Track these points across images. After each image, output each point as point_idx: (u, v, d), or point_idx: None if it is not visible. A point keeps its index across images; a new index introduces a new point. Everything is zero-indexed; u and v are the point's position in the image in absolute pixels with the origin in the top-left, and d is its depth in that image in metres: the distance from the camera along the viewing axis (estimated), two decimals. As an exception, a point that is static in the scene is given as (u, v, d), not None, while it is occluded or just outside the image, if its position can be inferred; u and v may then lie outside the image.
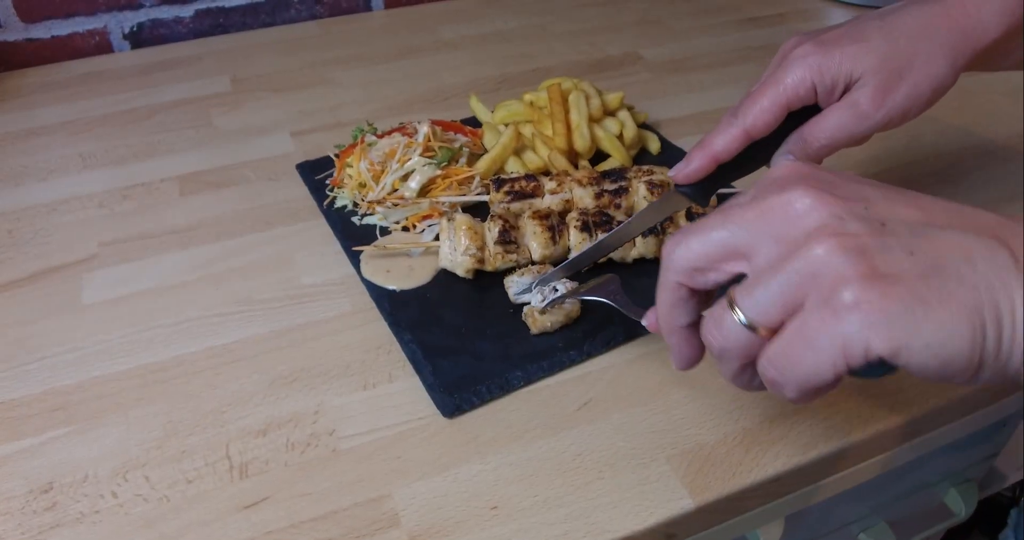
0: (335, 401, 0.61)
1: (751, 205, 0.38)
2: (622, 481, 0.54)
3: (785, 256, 0.36)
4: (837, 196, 0.36)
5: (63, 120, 1.01)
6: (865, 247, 0.34)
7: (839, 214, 0.35)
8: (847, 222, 0.35)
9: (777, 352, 0.36)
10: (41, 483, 0.55)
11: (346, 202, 0.80)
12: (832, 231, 0.35)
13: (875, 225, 0.35)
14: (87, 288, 0.73)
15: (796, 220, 0.36)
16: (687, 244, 0.40)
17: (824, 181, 0.38)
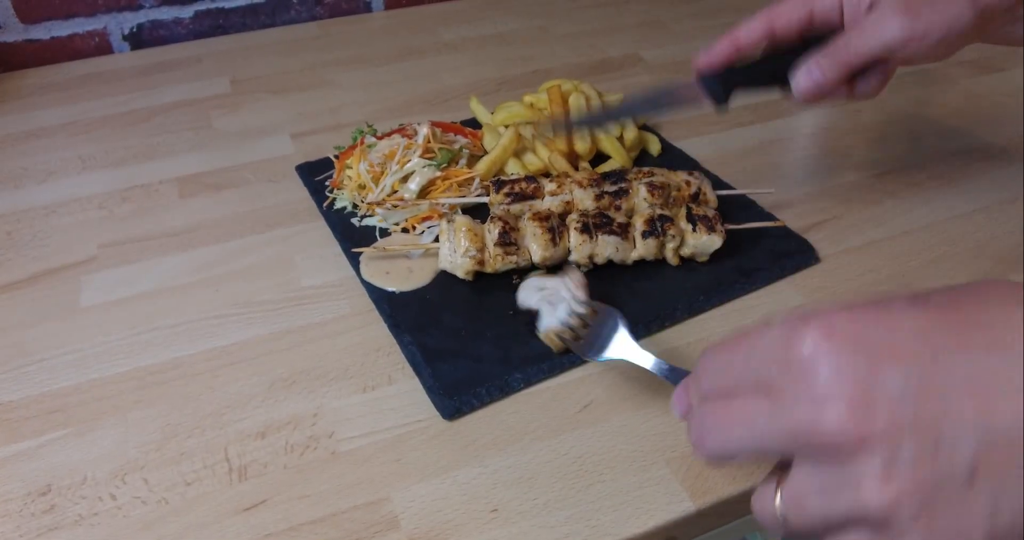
0: (334, 403, 0.61)
1: (781, 404, 0.33)
2: (623, 484, 0.54)
3: (835, 488, 0.32)
4: (879, 412, 0.31)
5: (62, 122, 1.01)
6: (924, 499, 0.30)
7: (887, 445, 0.30)
8: (896, 455, 0.30)
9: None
10: (39, 485, 0.55)
11: (346, 203, 0.80)
12: (883, 478, 0.31)
13: (928, 454, 0.30)
14: (86, 290, 0.73)
15: (841, 451, 0.31)
16: (714, 438, 0.36)
17: (859, 370, 0.31)
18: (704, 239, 0.70)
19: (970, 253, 0.75)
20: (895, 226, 0.79)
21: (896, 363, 0.31)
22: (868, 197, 0.83)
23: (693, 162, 0.87)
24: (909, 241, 0.77)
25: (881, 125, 0.97)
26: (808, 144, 0.94)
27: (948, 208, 0.81)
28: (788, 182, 0.86)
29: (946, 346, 0.31)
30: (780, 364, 0.33)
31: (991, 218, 0.79)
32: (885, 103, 1.01)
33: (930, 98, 1.02)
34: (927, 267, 0.73)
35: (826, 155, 0.91)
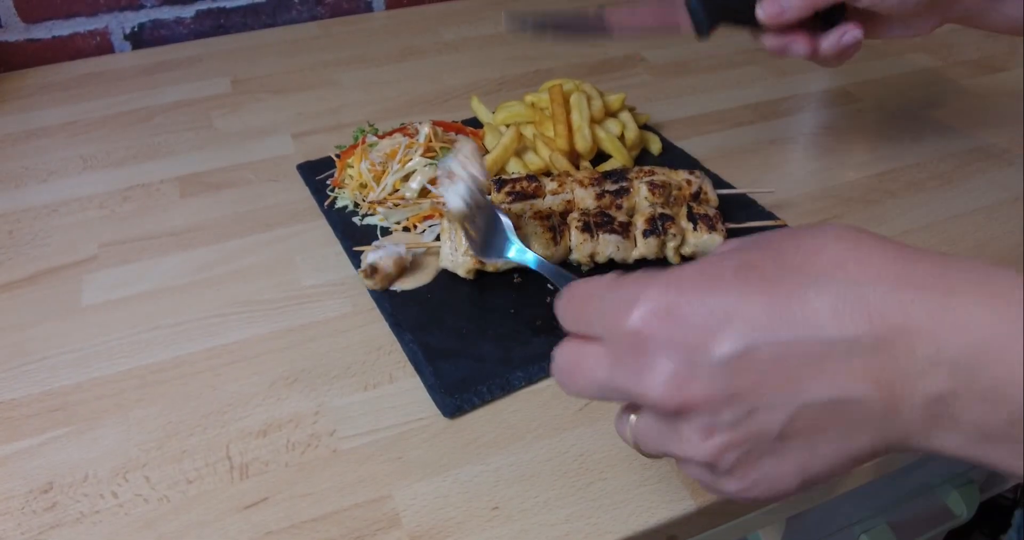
0: (336, 402, 0.61)
1: (613, 359, 0.37)
2: (624, 482, 0.54)
3: (668, 438, 0.38)
4: (701, 386, 0.35)
5: (63, 121, 1.01)
6: (743, 452, 0.36)
7: (709, 412, 0.35)
8: (717, 419, 0.36)
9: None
10: (41, 483, 0.55)
11: (347, 203, 0.80)
12: (706, 437, 0.36)
13: (744, 419, 0.35)
14: (87, 289, 0.73)
15: (668, 412, 0.37)
16: (572, 383, 0.40)
17: (682, 344, 0.35)
18: (705, 238, 0.70)
19: (970, 253, 0.75)
20: (895, 226, 0.79)
21: (715, 341, 0.34)
22: (868, 197, 0.83)
23: (694, 161, 0.87)
24: (909, 241, 0.75)
25: (881, 125, 0.97)
26: (808, 143, 0.94)
27: (948, 208, 0.81)
28: (788, 181, 0.86)
29: (762, 326, 0.34)
30: (617, 330, 0.37)
31: (991, 218, 0.79)
32: (885, 103, 1.01)
33: (930, 98, 1.02)
34: (928, 266, 0.73)
35: (826, 154, 0.91)
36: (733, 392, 0.35)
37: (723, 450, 0.36)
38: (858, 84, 1.06)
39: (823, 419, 0.35)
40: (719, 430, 0.35)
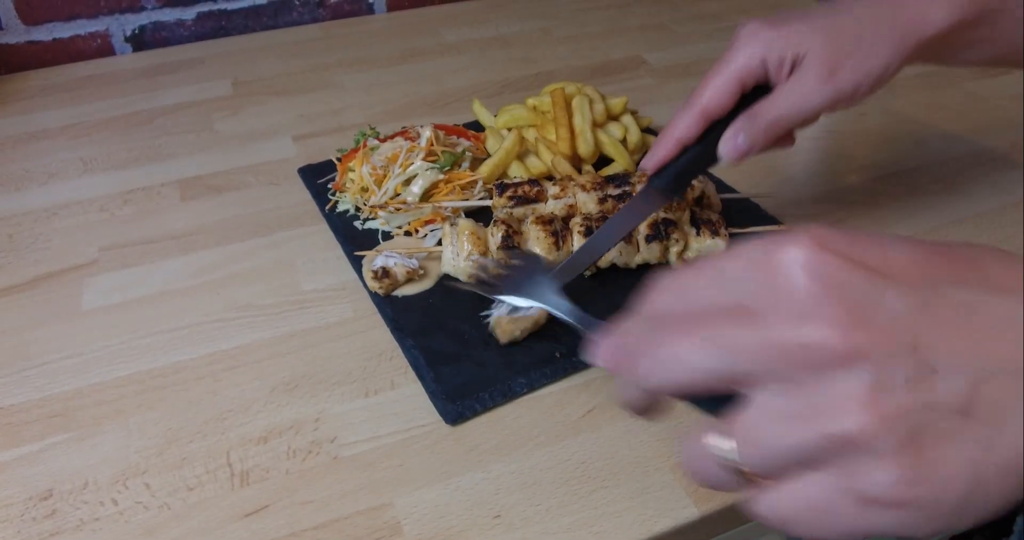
0: (336, 408, 0.60)
1: (755, 327, 0.29)
2: (626, 490, 0.54)
3: (806, 412, 0.28)
4: (874, 329, 0.27)
5: (64, 124, 1.01)
6: (913, 427, 0.27)
7: (879, 366, 0.27)
8: (889, 379, 0.27)
9: (787, 509, 0.30)
10: (40, 490, 0.55)
11: (348, 206, 0.80)
12: (868, 400, 0.27)
13: (924, 380, 0.27)
14: (87, 293, 0.72)
15: (824, 370, 0.28)
16: (668, 362, 0.31)
17: (852, 298, 0.28)
18: (708, 243, 0.69)
19: (974, 257, 0.75)
20: (897, 230, 0.79)
21: (895, 283, 0.28)
22: (870, 201, 0.83)
23: (696, 165, 0.87)
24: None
25: (883, 129, 0.96)
26: (811, 147, 0.93)
27: (950, 212, 0.81)
28: (791, 185, 0.86)
29: (947, 279, 0.29)
30: (759, 281, 0.29)
31: (993, 222, 0.79)
32: (888, 107, 1.01)
33: (932, 102, 1.02)
34: (931, 271, 0.73)
35: (829, 158, 0.91)
36: (914, 342, 0.27)
37: (892, 420, 0.27)
38: (861, 87, 1.05)
39: (1011, 393, 0.28)
40: (889, 391, 0.27)
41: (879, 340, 0.27)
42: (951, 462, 0.27)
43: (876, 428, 0.27)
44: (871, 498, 0.28)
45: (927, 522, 0.28)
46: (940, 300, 0.28)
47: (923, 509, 0.27)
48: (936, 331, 0.28)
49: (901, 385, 0.27)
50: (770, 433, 0.29)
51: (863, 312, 0.28)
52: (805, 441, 0.28)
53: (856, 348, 0.27)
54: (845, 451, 0.28)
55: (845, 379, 0.27)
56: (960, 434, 0.27)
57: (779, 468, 0.29)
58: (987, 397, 0.27)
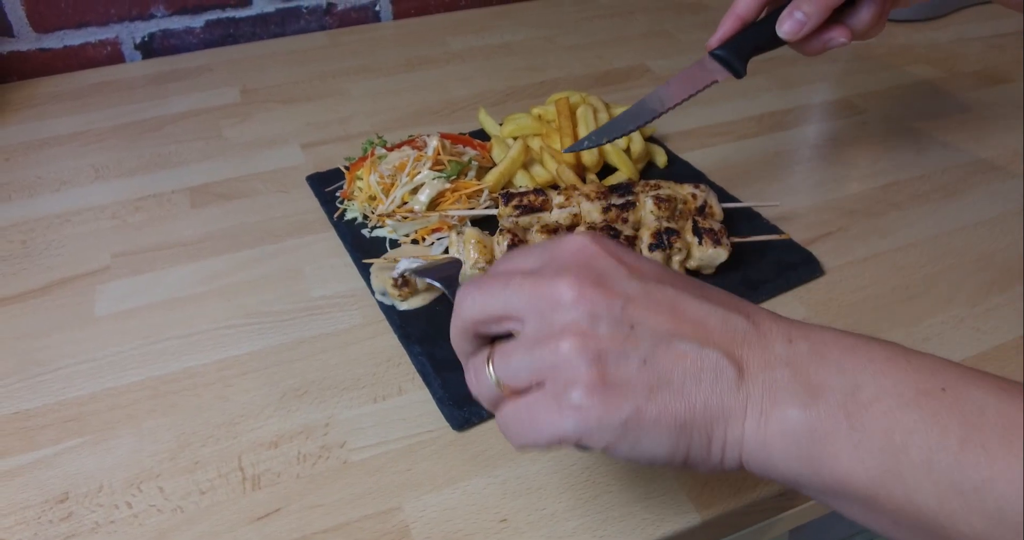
0: (345, 414, 0.61)
1: (533, 279, 0.41)
2: (630, 495, 0.55)
3: (541, 338, 0.39)
4: (602, 289, 0.39)
5: (75, 131, 1.02)
6: (604, 353, 0.38)
7: (594, 312, 0.39)
8: (598, 323, 0.38)
9: (508, 415, 0.41)
10: (57, 493, 0.56)
11: (356, 214, 0.81)
12: (580, 331, 0.38)
13: (623, 329, 0.39)
14: (100, 299, 0.74)
15: (559, 309, 0.39)
16: (474, 298, 0.42)
17: (599, 269, 0.41)
18: (710, 252, 0.70)
19: (973, 266, 0.76)
20: (899, 238, 0.80)
21: (634, 275, 0.41)
22: (872, 209, 0.84)
23: (699, 174, 0.88)
24: (914, 253, 0.78)
25: (885, 136, 0.97)
26: (813, 155, 0.95)
27: (952, 220, 0.82)
28: (793, 193, 0.87)
29: (674, 284, 0.41)
30: (548, 254, 0.42)
31: (993, 231, 0.80)
32: (889, 114, 1.02)
33: (934, 109, 1.03)
34: (931, 279, 0.74)
35: (830, 166, 0.92)
36: (626, 308, 0.39)
37: (592, 345, 0.38)
38: (862, 95, 1.07)
39: (682, 364, 0.38)
40: (597, 327, 0.38)
41: (603, 298, 0.39)
42: (622, 391, 0.37)
43: (579, 348, 0.38)
44: (565, 402, 0.38)
45: (599, 433, 0.38)
46: (658, 292, 0.40)
47: (598, 420, 0.37)
48: (644, 309, 0.39)
49: (606, 328, 0.38)
50: (515, 354, 0.40)
51: (601, 280, 0.40)
52: (533, 358, 0.39)
53: (586, 298, 0.39)
54: (558, 367, 0.38)
55: (570, 315, 0.39)
56: (636, 376, 0.38)
57: (519, 382, 0.40)
58: (661, 356, 0.38)
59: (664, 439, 0.38)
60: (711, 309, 0.40)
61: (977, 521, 0.33)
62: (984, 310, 0.71)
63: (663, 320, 0.39)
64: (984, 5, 1.36)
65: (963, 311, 0.71)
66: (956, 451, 0.34)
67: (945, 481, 0.34)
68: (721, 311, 0.40)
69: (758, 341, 0.39)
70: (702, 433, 0.38)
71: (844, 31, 0.68)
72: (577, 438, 0.38)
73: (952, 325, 0.69)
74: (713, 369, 0.38)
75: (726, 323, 0.40)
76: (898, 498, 0.35)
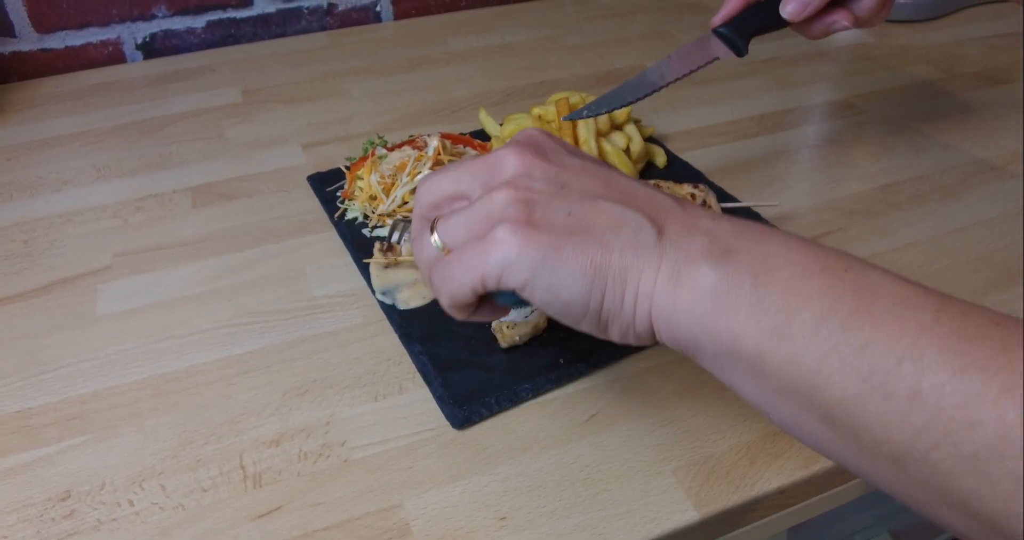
0: (346, 412, 0.62)
1: (482, 158, 0.45)
2: (629, 493, 0.55)
3: (481, 197, 0.42)
4: (541, 158, 0.43)
5: (76, 131, 1.03)
6: (533, 201, 0.41)
7: (530, 173, 0.43)
8: (533, 180, 0.42)
9: (440, 266, 0.43)
10: (59, 491, 0.56)
11: (357, 214, 0.81)
12: (515, 184, 0.42)
13: (555, 186, 0.42)
14: (102, 299, 0.74)
15: (500, 172, 0.43)
16: (431, 184, 0.46)
17: (542, 147, 0.45)
18: (709, 251, 0.71)
19: (972, 266, 0.76)
20: (899, 238, 0.80)
21: (571, 154, 0.45)
22: (871, 209, 0.84)
23: (698, 174, 0.88)
24: (913, 253, 0.78)
25: (885, 136, 0.98)
26: (812, 155, 0.95)
27: (951, 220, 0.82)
28: (792, 193, 0.87)
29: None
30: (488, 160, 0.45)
31: (992, 231, 0.80)
32: (889, 114, 1.02)
33: (933, 110, 1.03)
34: (930, 279, 0.74)
35: (830, 166, 0.92)
36: (563, 173, 0.43)
37: (524, 193, 0.41)
38: (862, 96, 1.07)
39: (605, 218, 0.41)
40: (532, 180, 0.42)
41: (540, 163, 0.43)
42: (545, 231, 0.40)
43: (511, 196, 0.41)
44: (490, 239, 0.40)
45: (518, 266, 0.40)
46: (593, 168, 0.44)
47: (518, 253, 0.40)
48: (578, 176, 0.43)
49: (540, 184, 0.42)
50: (454, 215, 0.43)
51: (542, 152, 0.44)
52: (470, 214, 0.42)
53: (525, 163, 0.43)
54: (490, 214, 0.41)
55: (508, 174, 0.43)
56: (559, 221, 0.41)
57: (457, 238, 0.43)
58: (586, 210, 0.41)
59: (579, 279, 0.40)
60: (641, 186, 0.44)
61: (851, 384, 0.35)
62: (983, 309, 0.71)
63: (594, 185, 0.43)
64: (984, 5, 1.36)
65: (962, 310, 0.71)
66: (844, 317, 0.36)
67: (829, 343, 0.35)
68: (651, 190, 0.43)
69: (682, 214, 0.42)
70: (616, 281, 0.40)
71: (847, 15, 0.70)
72: (498, 274, 0.40)
73: (951, 324, 0.69)
74: (633, 226, 0.41)
75: (654, 198, 0.43)
76: (782, 359, 0.37)
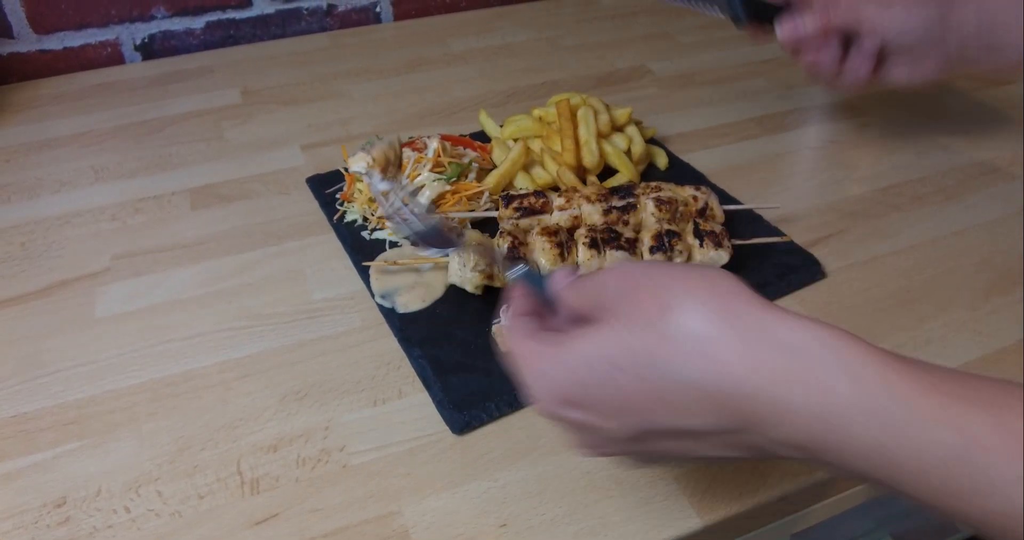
0: (345, 417, 0.61)
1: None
2: (631, 500, 0.55)
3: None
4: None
5: (75, 132, 1.02)
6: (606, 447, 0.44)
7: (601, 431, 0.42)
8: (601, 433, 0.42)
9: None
10: (55, 497, 0.56)
11: (356, 217, 0.81)
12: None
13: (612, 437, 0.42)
14: (100, 301, 0.74)
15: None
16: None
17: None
18: (711, 254, 0.70)
19: (974, 267, 0.76)
20: (900, 241, 0.79)
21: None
22: (873, 211, 0.84)
23: (700, 176, 0.88)
24: (914, 256, 0.77)
25: (886, 139, 0.97)
26: (814, 157, 0.94)
27: (952, 222, 0.82)
28: (794, 195, 0.86)
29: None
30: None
31: (994, 233, 0.80)
32: (891, 116, 1.01)
33: (935, 111, 1.03)
34: (931, 282, 0.74)
35: (832, 168, 0.92)
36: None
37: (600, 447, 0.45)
38: (863, 98, 1.06)
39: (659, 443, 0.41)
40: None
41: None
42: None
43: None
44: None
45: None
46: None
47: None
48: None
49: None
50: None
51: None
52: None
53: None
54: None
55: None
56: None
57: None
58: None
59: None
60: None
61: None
62: (984, 313, 0.71)
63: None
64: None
65: (964, 314, 0.71)
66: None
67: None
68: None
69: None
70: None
71: (836, 65, 0.78)
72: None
73: (953, 328, 0.69)
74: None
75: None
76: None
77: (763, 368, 0.36)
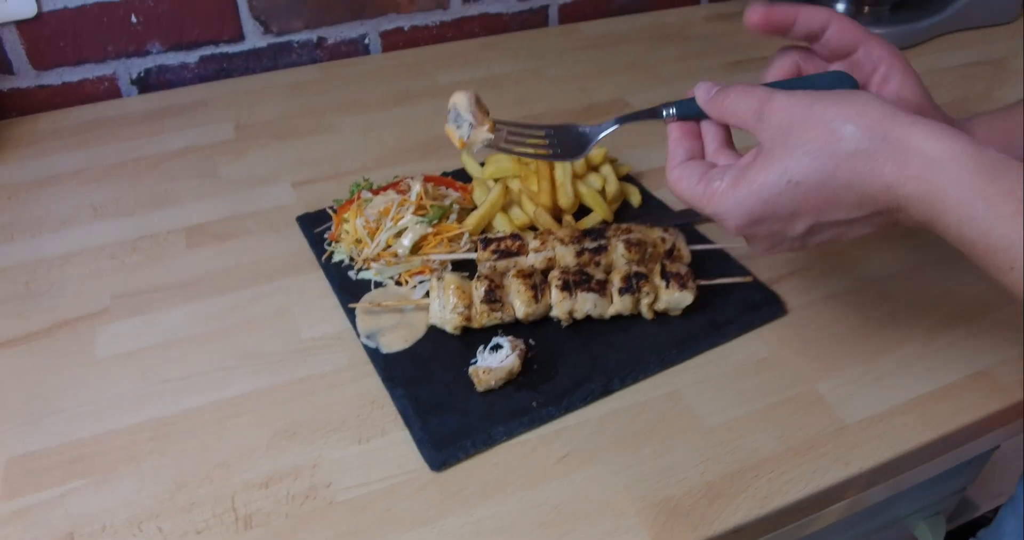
0: (332, 454, 0.66)
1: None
2: (594, 532, 0.59)
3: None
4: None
5: (75, 168, 1.06)
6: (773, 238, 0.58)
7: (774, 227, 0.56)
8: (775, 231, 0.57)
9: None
10: (62, 533, 0.60)
11: (343, 257, 0.85)
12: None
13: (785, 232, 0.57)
14: (100, 342, 0.78)
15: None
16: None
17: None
18: (676, 295, 0.75)
19: (931, 302, 0.80)
20: (859, 277, 0.84)
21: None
22: (834, 247, 0.88)
23: (671, 213, 0.92)
24: (874, 291, 0.82)
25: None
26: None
27: (911, 258, 0.86)
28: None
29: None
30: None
31: (952, 268, 0.84)
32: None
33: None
34: (890, 317, 0.78)
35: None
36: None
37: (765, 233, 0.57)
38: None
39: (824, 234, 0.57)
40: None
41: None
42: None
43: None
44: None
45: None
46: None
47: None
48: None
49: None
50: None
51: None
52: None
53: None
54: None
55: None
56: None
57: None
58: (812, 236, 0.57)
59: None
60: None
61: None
62: (936, 349, 0.75)
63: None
64: (954, 33, 1.40)
65: (918, 349, 0.75)
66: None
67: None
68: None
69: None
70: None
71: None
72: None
73: (905, 364, 0.73)
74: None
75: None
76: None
77: (909, 175, 0.49)
